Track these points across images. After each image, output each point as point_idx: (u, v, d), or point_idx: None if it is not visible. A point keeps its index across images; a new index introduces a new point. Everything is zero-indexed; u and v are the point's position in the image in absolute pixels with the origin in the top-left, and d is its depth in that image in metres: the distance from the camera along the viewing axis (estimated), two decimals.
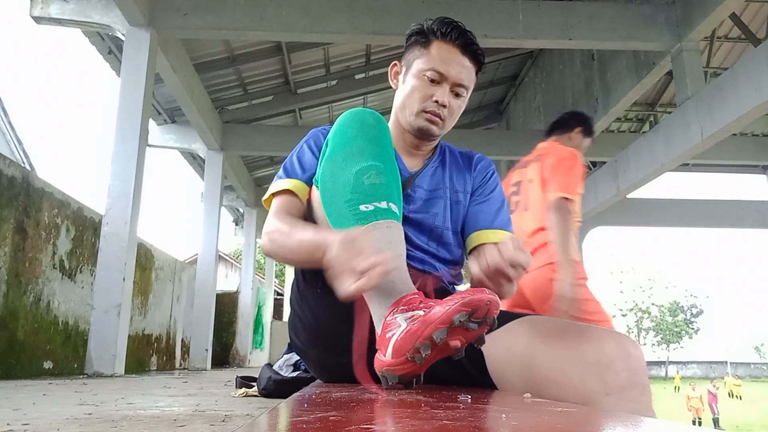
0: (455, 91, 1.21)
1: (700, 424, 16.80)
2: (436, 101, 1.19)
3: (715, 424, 17.48)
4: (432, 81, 1.19)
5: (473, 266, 0.94)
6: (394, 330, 0.83)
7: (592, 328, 1.00)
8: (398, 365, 0.83)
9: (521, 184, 2.74)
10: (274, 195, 1.17)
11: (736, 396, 26.51)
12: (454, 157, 1.34)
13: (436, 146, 1.32)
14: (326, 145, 1.05)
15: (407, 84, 1.22)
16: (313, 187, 1.12)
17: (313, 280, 1.10)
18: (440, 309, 0.78)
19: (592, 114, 7.06)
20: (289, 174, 1.18)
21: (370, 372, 0.95)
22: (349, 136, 0.99)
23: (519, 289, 2.50)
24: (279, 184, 1.18)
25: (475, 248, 1.24)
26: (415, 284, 0.92)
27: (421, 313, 0.81)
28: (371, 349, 0.94)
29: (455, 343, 0.79)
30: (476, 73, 1.24)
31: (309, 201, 1.14)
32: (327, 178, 0.99)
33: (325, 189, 1.00)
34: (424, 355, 0.79)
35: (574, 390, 0.92)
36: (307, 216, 1.13)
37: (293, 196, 1.15)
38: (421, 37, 1.23)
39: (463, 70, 1.20)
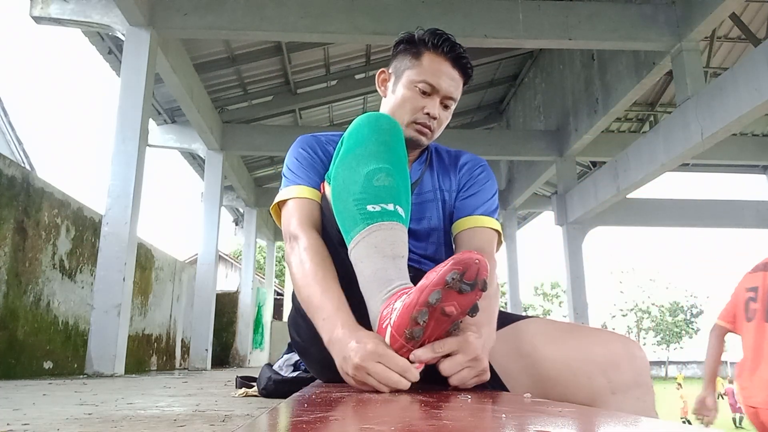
0: (444, 103, 1.22)
1: (690, 424, 16.79)
2: (428, 113, 1.19)
3: (737, 424, 17.52)
4: (423, 93, 1.19)
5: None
6: (391, 315, 0.84)
7: (598, 330, 1.03)
8: (397, 351, 0.83)
9: (760, 290, 2.50)
10: (284, 202, 1.16)
11: (722, 396, 26.81)
12: (441, 157, 1.35)
13: (425, 149, 1.33)
14: (341, 144, 1.06)
15: (398, 93, 1.22)
16: (325, 182, 1.12)
17: None
18: (434, 274, 0.79)
19: (591, 114, 7.07)
20: (301, 178, 1.17)
21: None
22: (363, 138, 1.00)
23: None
24: (294, 190, 1.16)
25: (457, 234, 1.24)
26: (413, 282, 0.92)
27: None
28: None
29: (450, 308, 0.79)
30: (463, 85, 1.25)
31: (324, 196, 1.13)
32: (339, 176, 1.01)
33: (336, 187, 1.01)
34: (422, 323, 0.79)
35: (582, 388, 0.94)
36: (325, 210, 1.12)
37: (312, 201, 1.14)
38: (412, 47, 1.23)
39: (453, 83, 1.21)
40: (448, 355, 0.85)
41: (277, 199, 1.17)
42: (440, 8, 5.17)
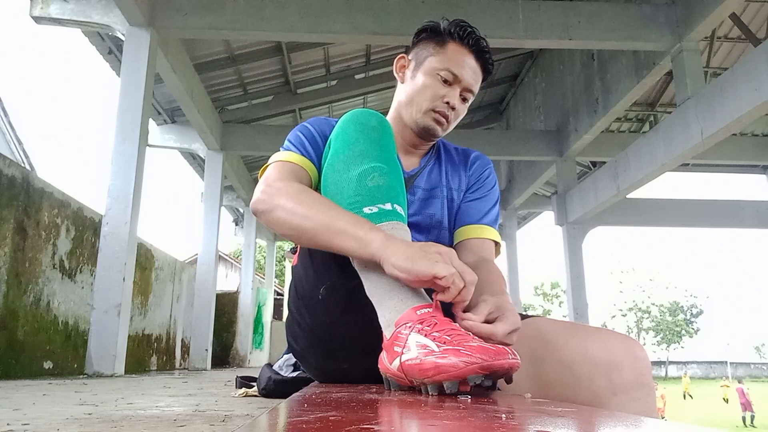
0: (463, 95, 1.20)
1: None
2: (447, 102, 1.18)
3: (744, 423, 17.61)
4: (445, 81, 1.18)
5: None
6: (404, 349, 0.80)
7: (599, 330, 1.00)
8: (403, 381, 0.81)
9: None
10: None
11: (687, 393, 26.97)
12: (450, 154, 1.34)
13: (433, 144, 1.32)
14: (328, 147, 1.03)
15: (417, 80, 1.20)
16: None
17: (315, 283, 1.06)
18: (456, 361, 0.72)
19: (591, 114, 7.06)
20: (297, 147, 1.11)
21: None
22: (351, 138, 0.97)
23: None
24: (284, 154, 1.09)
25: (461, 242, 1.24)
26: None
27: (435, 347, 0.76)
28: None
29: (465, 388, 0.74)
30: (482, 81, 1.23)
31: None
32: (329, 181, 0.97)
33: (328, 192, 0.97)
34: (431, 392, 0.75)
35: (582, 390, 0.92)
36: None
37: (303, 169, 1.07)
38: (436, 36, 1.21)
39: (474, 75, 1.20)
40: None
41: (271, 160, 1.11)
42: (440, 8, 5.17)
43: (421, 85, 1.19)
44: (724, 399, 24.86)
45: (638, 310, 46.12)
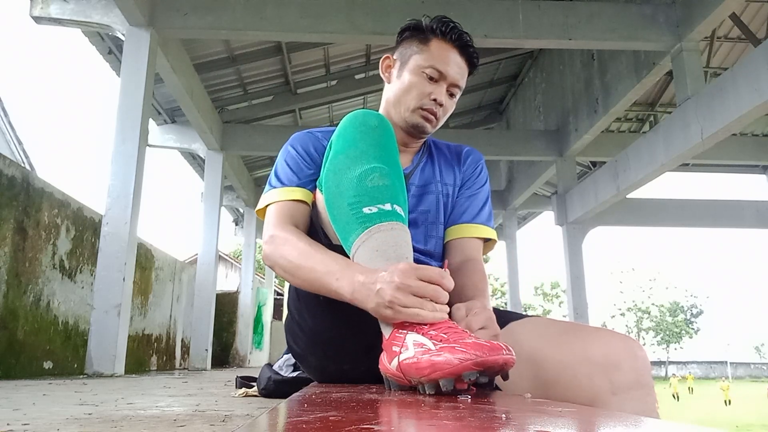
0: (450, 91, 1.21)
1: None
2: (434, 99, 1.18)
3: None
4: (431, 79, 1.18)
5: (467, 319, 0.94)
6: (402, 349, 0.81)
7: (598, 330, 1.00)
8: (402, 380, 0.82)
9: None
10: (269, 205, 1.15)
11: (675, 394, 26.53)
12: (441, 151, 1.34)
13: (423, 142, 1.32)
14: (329, 148, 1.03)
15: (403, 79, 1.21)
16: (317, 191, 1.11)
17: None
18: (451, 357, 0.72)
19: (591, 114, 7.06)
20: (283, 182, 1.16)
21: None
22: (351, 139, 0.98)
23: None
24: (274, 194, 1.14)
25: (450, 241, 1.25)
26: None
27: (431, 345, 0.77)
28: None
29: (462, 386, 0.74)
30: (468, 75, 1.24)
31: (314, 204, 1.12)
32: (330, 181, 0.98)
33: (329, 192, 0.98)
34: (428, 392, 0.76)
35: (582, 389, 0.92)
36: (314, 220, 1.12)
37: (295, 202, 1.13)
38: (419, 33, 1.23)
39: (460, 70, 1.21)
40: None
41: (259, 206, 1.17)
42: (440, 8, 5.17)
43: (407, 84, 1.20)
44: (725, 401, 24.13)
45: (638, 310, 46.16)
